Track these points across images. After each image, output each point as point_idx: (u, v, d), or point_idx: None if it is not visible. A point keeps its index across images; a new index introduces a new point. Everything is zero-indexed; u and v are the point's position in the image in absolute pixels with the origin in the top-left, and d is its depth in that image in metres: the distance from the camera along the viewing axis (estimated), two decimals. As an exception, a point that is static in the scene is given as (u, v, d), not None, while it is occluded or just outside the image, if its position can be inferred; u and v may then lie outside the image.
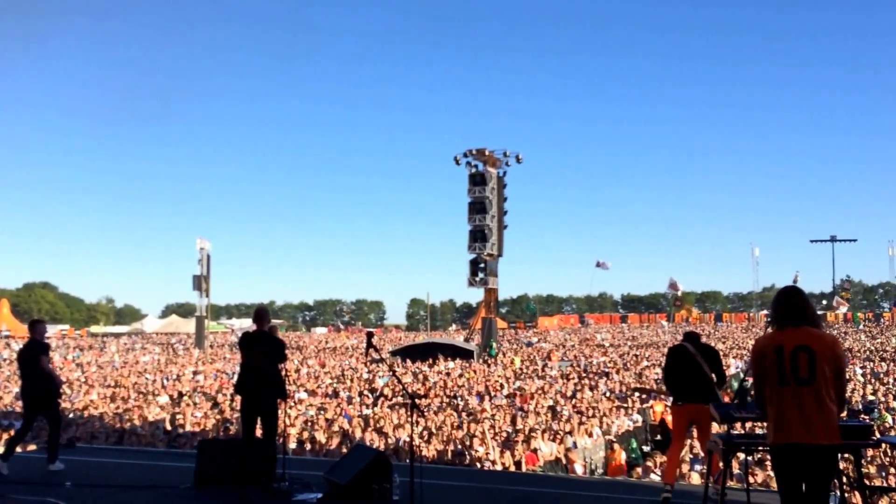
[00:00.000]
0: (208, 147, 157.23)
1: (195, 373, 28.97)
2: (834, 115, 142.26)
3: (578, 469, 11.18)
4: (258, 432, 6.89)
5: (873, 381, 23.01)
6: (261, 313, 6.94)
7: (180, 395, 20.75)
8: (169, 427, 14.24)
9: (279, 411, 6.95)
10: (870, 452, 10.15)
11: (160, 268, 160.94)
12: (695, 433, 8.49)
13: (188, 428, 14.21)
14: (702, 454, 10.07)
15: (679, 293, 70.91)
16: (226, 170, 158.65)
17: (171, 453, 10.67)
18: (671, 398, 6.96)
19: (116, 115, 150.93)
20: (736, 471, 8.42)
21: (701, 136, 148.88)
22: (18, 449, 8.15)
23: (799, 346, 3.85)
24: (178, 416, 15.38)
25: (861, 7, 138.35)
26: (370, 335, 6.29)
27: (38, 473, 7.66)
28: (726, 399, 7.89)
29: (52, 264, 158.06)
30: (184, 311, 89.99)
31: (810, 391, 3.78)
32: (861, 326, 57.76)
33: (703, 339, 7.01)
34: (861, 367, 26.64)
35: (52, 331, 64.51)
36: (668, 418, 14.96)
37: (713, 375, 6.51)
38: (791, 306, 3.99)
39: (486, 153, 37.74)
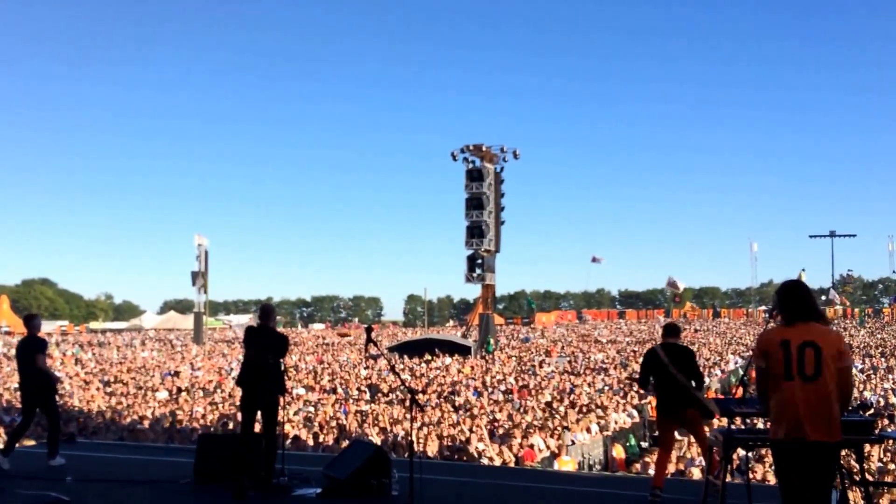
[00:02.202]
0: (206, 143, 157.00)
1: (194, 368, 28.96)
2: (833, 110, 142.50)
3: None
4: (258, 427, 6.89)
5: (872, 376, 23.11)
6: (266, 310, 7.11)
7: (179, 390, 20.74)
8: (168, 423, 14.23)
9: (278, 407, 6.95)
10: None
11: (158, 264, 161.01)
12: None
13: (187, 423, 14.20)
14: (698, 452, 10.09)
15: (679, 290, 70.92)
16: (224, 166, 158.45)
17: (171, 448, 10.66)
18: (656, 405, 6.83)
19: (114, 111, 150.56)
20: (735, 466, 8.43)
21: (699, 132, 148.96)
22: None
23: (805, 341, 3.82)
24: (177, 412, 15.37)
25: (858, 6, 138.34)
26: (369, 330, 6.25)
27: (39, 468, 7.66)
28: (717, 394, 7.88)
29: (50, 260, 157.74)
30: (182, 307, 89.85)
31: (815, 387, 3.77)
32: (863, 323, 57.69)
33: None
34: (861, 363, 26.71)
35: (52, 327, 64.39)
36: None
37: (691, 381, 6.33)
38: (798, 301, 3.97)
39: (484, 149, 37.66)
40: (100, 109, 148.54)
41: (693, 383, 6.36)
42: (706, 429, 7.06)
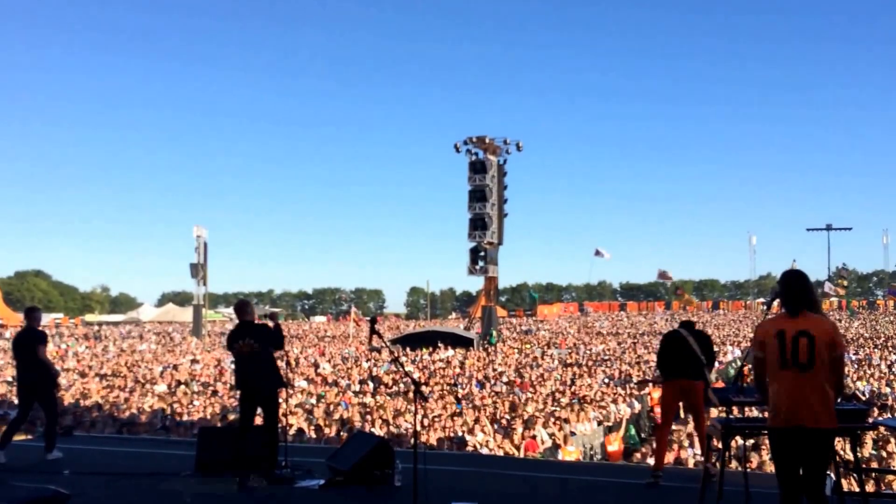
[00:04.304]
0: (205, 135, 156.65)
1: (193, 361, 28.99)
2: (830, 105, 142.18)
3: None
4: (258, 420, 6.91)
5: (866, 366, 23.20)
6: (237, 306, 7.05)
7: (178, 383, 20.75)
8: (167, 415, 14.25)
9: (279, 399, 6.97)
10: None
11: (156, 256, 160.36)
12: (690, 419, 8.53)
13: (187, 416, 14.22)
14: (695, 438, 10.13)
15: (670, 282, 71.06)
16: (224, 157, 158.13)
17: (171, 441, 10.65)
18: (662, 377, 7.02)
19: (110, 101, 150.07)
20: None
21: (699, 127, 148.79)
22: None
23: (800, 331, 3.91)
24: (175, 405, 15.38)
25: (852, 2, 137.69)
26: (374, 321, 6.20)
27: (36, 462, 7.62)
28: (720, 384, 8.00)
29: (44, 252, 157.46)
30: (181, 299, 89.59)
31: (809, 376, 3.86)
32: (854, 315, 57.90)
33: (698, 326, 7.09)
34: (854, 354, 26.79)
35: (46, 320, 63.46)
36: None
37: (702, 356, 6.56)
38: (802, 291, 4.04)
39: (487, 141, 37.58)
40: (95, 100, 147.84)
41: (706, 361, 6.58)
42: (707, 418, 7.11)
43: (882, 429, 9.77)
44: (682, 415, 10.76)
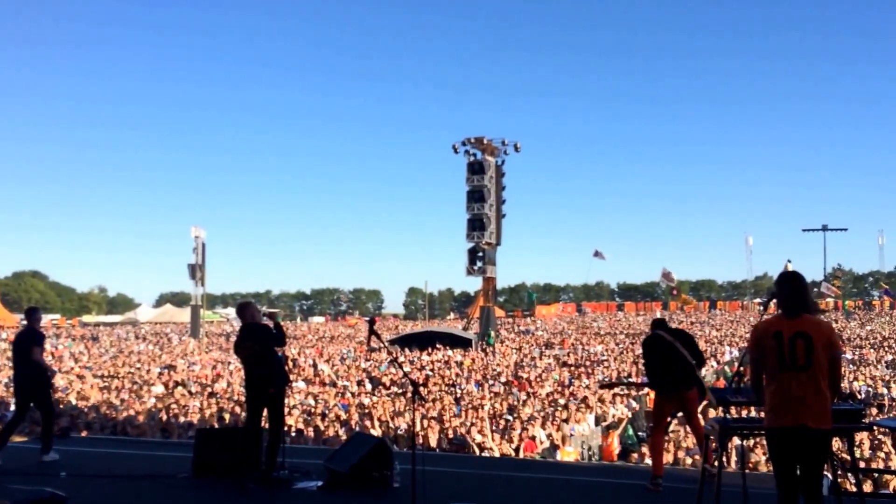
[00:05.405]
0: (203, 134, 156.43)
1: (191, 362, 28.94)
2: (826, 106, 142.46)
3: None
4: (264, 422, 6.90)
5: (863, 367, 23.25)
6: (237, 309, 7.11)
7: (176, 384, 20.70)
8: (164, 417, 14.21)
9: (284, 398, 6.97)
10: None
11: (154, 256, 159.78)
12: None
13: (184, 418, 14.19)
14: (693, 442, 10.13)
15: (673, 283, 71.19)
16: (222, 157, 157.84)
17: (168, 443, 10.61)
18: (655, 389, 6.83)
19: (108, 101, 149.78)
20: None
21: (696, 127, 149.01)
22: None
23: (797, 332, 3.93)
24: (172, 406, 15.34)
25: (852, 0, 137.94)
26: (372, 322, 6.18)
27: (32, 464, 7.58)
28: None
29: (42, 252, 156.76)
30: (178, 300, 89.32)
31: (806, 377, 3.88)
32: (850, 315, 58.04)
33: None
34: (851, 354, 26.84)
35: (43, 320, 63.22)
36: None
37: (692, 360, 6.40)
38: (797, 292, 4.05)
39: (485, 142, 37.59)
40: (93, 99, 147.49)
41: (695, 363, 6.44)
42: (702, 418, 7.10)
43: (877, 429, 9.79)
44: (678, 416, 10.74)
